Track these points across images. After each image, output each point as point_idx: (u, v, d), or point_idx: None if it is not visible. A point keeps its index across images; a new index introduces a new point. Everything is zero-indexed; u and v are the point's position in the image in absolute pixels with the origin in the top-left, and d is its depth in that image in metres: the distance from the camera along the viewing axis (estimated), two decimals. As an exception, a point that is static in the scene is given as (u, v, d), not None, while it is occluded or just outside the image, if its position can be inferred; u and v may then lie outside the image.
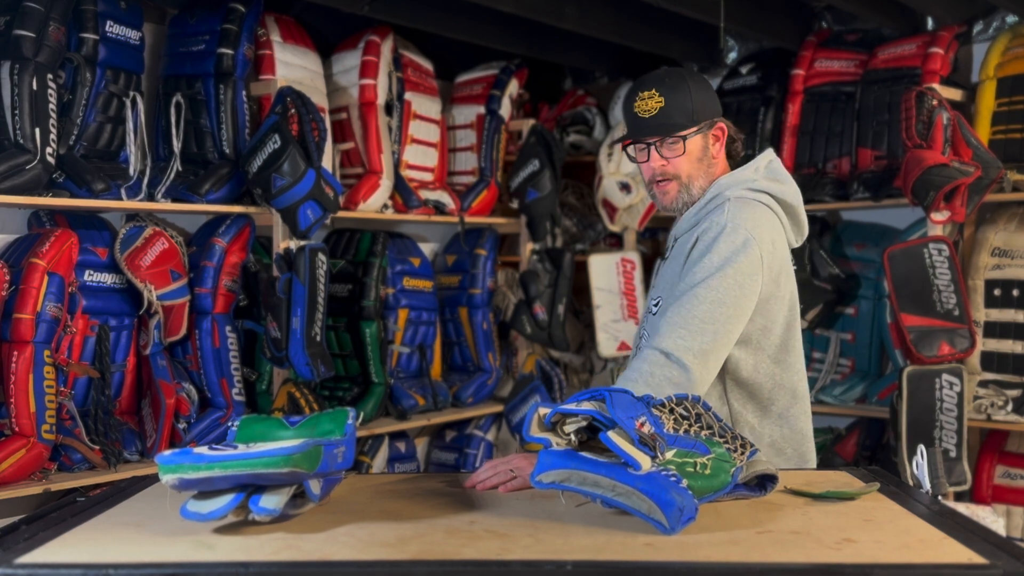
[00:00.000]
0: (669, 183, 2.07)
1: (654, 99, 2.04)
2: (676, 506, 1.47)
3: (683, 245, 2.07)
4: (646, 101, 2.05)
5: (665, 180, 2.07)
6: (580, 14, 3.80)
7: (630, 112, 2.08)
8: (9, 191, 2.71)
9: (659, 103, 2.04)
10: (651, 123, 2.04)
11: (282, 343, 3.22)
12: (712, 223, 2.01)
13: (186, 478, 1.48)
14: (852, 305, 4.00)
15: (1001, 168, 3.43)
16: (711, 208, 2.07)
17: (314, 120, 3.27)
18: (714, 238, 1.98)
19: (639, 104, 2.06)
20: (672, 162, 2.06)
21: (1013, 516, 3.54)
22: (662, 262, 2.17)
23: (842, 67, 4.03)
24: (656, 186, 2.09)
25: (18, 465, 2.71)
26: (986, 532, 1.46)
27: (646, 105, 2.04)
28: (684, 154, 2.06)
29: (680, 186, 2.07)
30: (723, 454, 1.65)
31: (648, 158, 2.07)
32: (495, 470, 1.81)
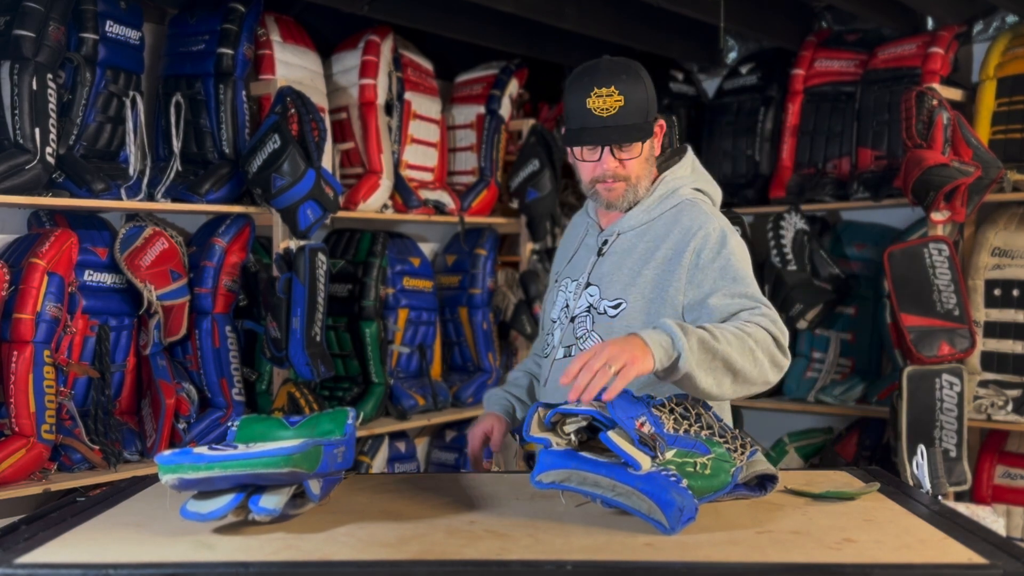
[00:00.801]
0: (618, 183, 2.01)
1: (613, 97, 1.94)
2: (676, 506, 1.47)
3: (634, 243, 2.03)
4: (604, 99, 1.94)
5: (616, 180, 2.00)
6: (580, 14, 3.80)
7: (582, 108, 1.94)
8: (9, 191, 2.71)
9: (618, 102, 1.94)
10: (611, 124, 1.94)
11: (282, 343, 3.22)
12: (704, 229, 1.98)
13: (186, 478, 1.48)
14: (852, 305, 4.00)
15: (1001, 168, 3.43)
16: (679, 209, 2.04)
17: (314, 120, 3.27)
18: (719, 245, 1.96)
19: (596, 101, 1.94)
20: (626, 164, 1.99)
21: (1013, 516, 3.54)
22: (598, 258, 2.06)
23: (842, 67, 4.03)
24: (601, 184, 2.01)
25: (18, 465, 2.71)
26: (986, 532, 1.46)
27: (604, 103, 1.94)
28: (639, 156, 2.01)
29: (628, 186, 2.02)
30: (723, 454, 1.65)
31: (600, 158, 1.99)
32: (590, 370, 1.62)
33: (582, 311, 2.04)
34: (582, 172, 2.04)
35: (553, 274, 2.25)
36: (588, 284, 2.05)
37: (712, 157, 4.36)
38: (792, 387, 4.05)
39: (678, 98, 4.45)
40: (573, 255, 2.15)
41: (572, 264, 2.14)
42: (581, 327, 2.04)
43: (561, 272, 2.17)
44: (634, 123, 1.96)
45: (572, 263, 2.14)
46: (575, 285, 2.08)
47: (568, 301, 2.08)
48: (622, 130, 1.95)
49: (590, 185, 2.03)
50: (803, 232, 3.90)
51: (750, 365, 1.78)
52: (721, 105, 4.36)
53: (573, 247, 2.18)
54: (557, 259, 2.27)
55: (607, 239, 2.07)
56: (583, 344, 2.02)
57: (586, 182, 2.04)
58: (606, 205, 2.05)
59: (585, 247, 2.14)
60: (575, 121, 1.97)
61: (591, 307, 2.03)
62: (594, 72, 1.97)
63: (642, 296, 1.98)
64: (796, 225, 3.91)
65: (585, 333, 2.03)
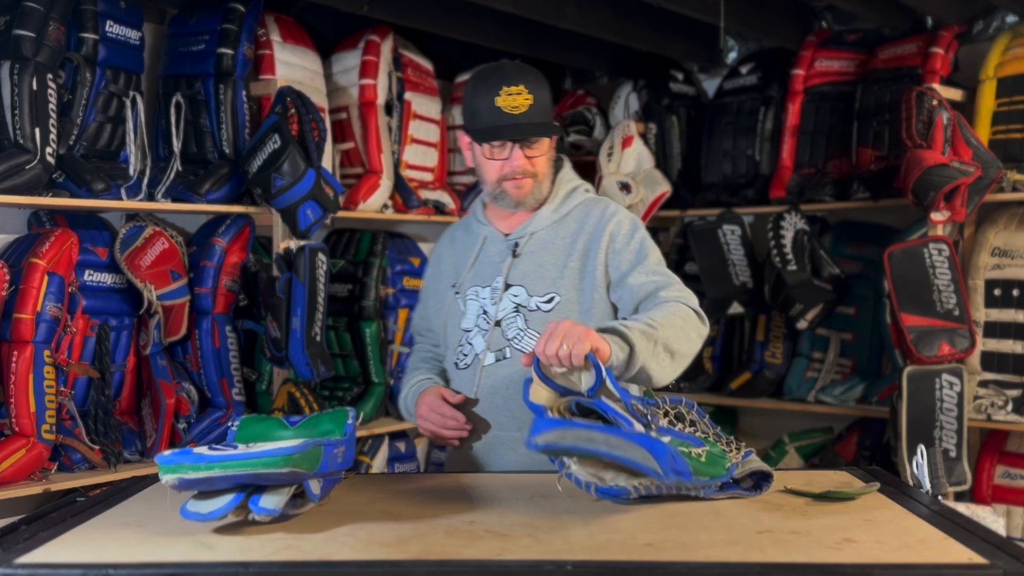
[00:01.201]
0: (525, 180, 2.06)
1: (523, 95, 2.00)
2: (669, 452, 1.50)
3: (549, 240, 2.09)
4: (514, 97, 2.00)
5: (524, 177, 2.06)
6: (580, 14, 3.80)
7: (491, 106, 2.00)
8: (9, 191, 2.71)
9: (528, 100, 2.00)
10: (522, 120, 2.00)
11: (282, 343, 3.22)
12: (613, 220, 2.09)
13: (186, 478, 1.48)
14: (852, 305, 4.00)
15: (1001, 168, 3.43)
16: (587, 204, 2.13)
17: (314, 120, 3.27)
18: (632, 229, 2.10)
19: (505, 99, 2.00)
20: (534, 161, 2.05)
21: (1013, 516, 3.54)
22: (514, 259, 2.10)
23: (842, 67, 4.03)
24: (510, 182, 2.06)
25: (18, 465, 2.71)
26: (986, 532, 1.46)
27: (515, 101, 2.00)
28: (545, 153, 2.07)
29: (535, 183, 2.07)
30: (718, 450, 1.66)
31: (509, 155, 2.04)
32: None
33: (509, 313, 2.09)
34: (489, 171, 2.08)
35: (442, 285, 2.21)
36: (508, 286, 2.08)
37: (712, 157, 4.36)
38: (792, 387, 4.05)
39: (678, 98, 4.45)
40: (474, 263, 2.15)
41: (477, 272, 2.14)
42: (512, 328, 2.09)
43: (463, 282, 2.16)
44: (543, 121, 2.03)
45: (476, 271, 2.15)
46: (490, 290, 2.11)
47: (485, 307, 2.10)
48: (534, 126, 2.02)
49: (497, 184, 2.07)
50: (803, 232, 3.90)
51: (684, 343, 1.95)
52: (721, 105, 4.36)
53: (469, 256, 2.18)
54: (444, 271, 2.23)
55: (518, 241, 2.11)
56: (519, 343, 2.07)
57: (493, 181, 2.08)
58: (514, 204, 2.09)
59: (489, 253, 2.15)
60: (485, 120, 2.02)
61: (519, 307, 2.08)
62: (501, 72, 2.04)
63: (572, 287, 2.07)
64: (796, 225, 3.91)
65: (519, 333, 2.08)
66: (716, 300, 4.13)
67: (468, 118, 2.08)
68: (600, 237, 2.08)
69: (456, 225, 2.31)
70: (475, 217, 2.23)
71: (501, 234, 2.15)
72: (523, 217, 2.15)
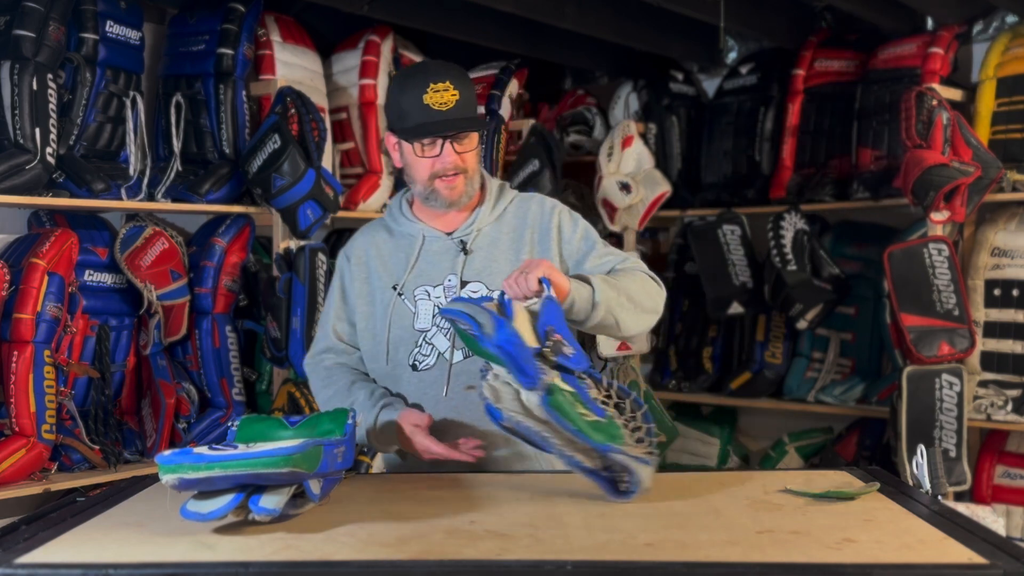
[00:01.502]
0: (457, 177, 2.05)
1: (449, 91, 2.00)
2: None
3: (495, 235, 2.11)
4: (441, 93, 2.00)
5: (455, 174, 2.05)
6: (580, 14, 3.80)
7: (419, 104, 1.99)
8: (9, 191, 2.71)
9: (455, 96, 2.00)
10: (451, 115, 2.00)
11: (282, 343, 3.22)
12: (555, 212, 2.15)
13: (186, 478, 1.48)
14: (852, 305, 4.00)
15: (1001, 168, 3.43)
16: (521, 199, 2.17)
17: (314, 120, 3.27)
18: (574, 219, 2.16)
19: (433, 96, 2.00)
20: (464, 156, 2.05)
21: (1013, 516, 3.54)
22: (466, 254, 2.09)
23: (842, 67, 4.03)
24: (443, 180, 2.04)
25: (18, 465, 2.71)
26: (986, 532, 1.46)
27: (441, 98, 2.00)
28: (475, 148, 2.07)
29: (467, 179, 2.07)
30: (616, 430, 1.70)
31: (440, 152, 2.03)
32: None
33: None
34: (419, 170, 2.06)
35: (375, 289, 2.13)
36: (464, 283, 2.07)
37: (712, 157, 4.36)
38: (792, 387, 4.05)
39: (678, 98, 4.45)
40: (415, 263, 2.10)
41: (421, 272, 2.09)
42: None
43: (404, 283, 2.10)
44: (471, 115, 2.04)
45: (420, 271, 2.10)
46: (443, 289, 2.08)
47: (440, 306, 2.07)
48: (465, 120, 2.02)
49: (428, 182, 2.05)
50: (803, 232, 3.90)
51: (646, 297, 2.04)
52: (721, 105, 4.36)
53: (406, 256, 2.12)
54: (374, 274, 2.14)
55: (463, 238, 2.10)
56: None
57: (424, 180, 2.06)
58: (447, 204, 2.07)
59: (433, 252, 2.11)
60: (413, 118, 2.01)
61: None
62: (425, 71, 2.04)
63: None
64: (796, 225, 3.91)
65: None
66: (716, 300, 4.13)
67: (395, 118, 2.06)
68: (549, 230, 2.11)
69: (371, 228, 2.21)
70: (402, 216, 2.17)
71: (441, 232, 2.12)
72: (459, 215, 2.13)
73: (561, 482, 1.85)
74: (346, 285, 2.16)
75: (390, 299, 2.10)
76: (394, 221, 2.17)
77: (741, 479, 1.91)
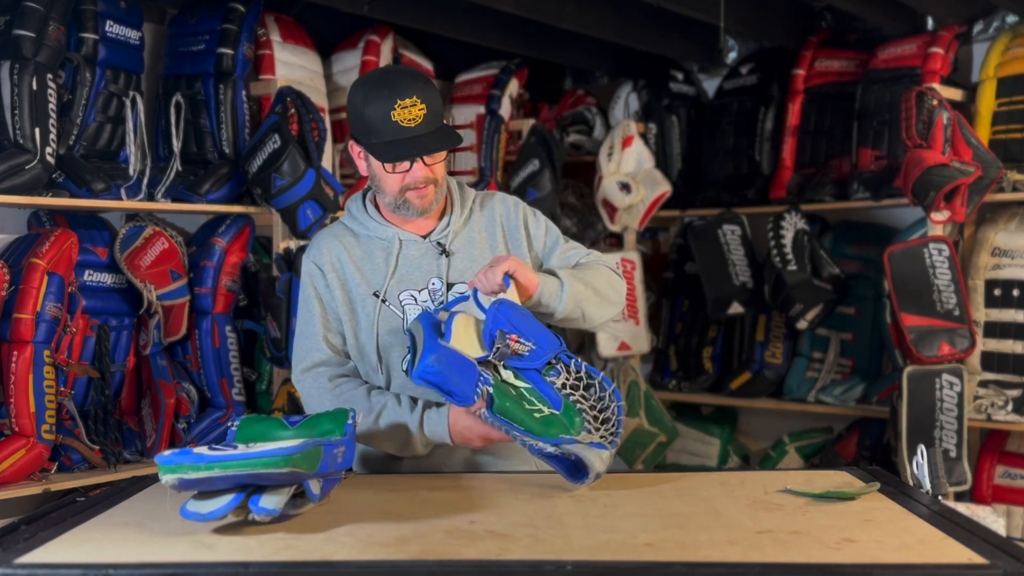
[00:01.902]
0: (428, 186, 2.03)
1: (416, 106, 1.97)
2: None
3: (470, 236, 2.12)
4: (409, 110, 1.96)
5: (427, 185, 2.03)
6: (580, 14, 3.80)
7: (387, 121, 1.96)
8: (9, 191, 2.71)
9: (422, 111, 1.97)
10: (421, 131, 1.97)
11: (282, 343, 3.22)
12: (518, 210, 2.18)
13: (186, 478, 1.48)
14: (852, 305, 4.00)
15: (1001, 168, 3.43)
16: (482, 196, 2.20)
17: (314, 120, 3.27)
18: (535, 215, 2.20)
19: (400, 113, 1.96)
20: (434, 168, 2.03)
21: (1013, 516, 3.54)
22: (447, 257, 2.08)
23: (842, 67, 4.03)
24: (414, 191, 2.02)
25: (18, 465, 2.71)
26: (986, 532, 1.46)
27: (409, 114, 1.96)
28: (443, 159, 2.06)
29: (436, 188, 2.06)
30: (570, 421, 1.76)
31: (410, 167, 2.01)
32: None
33: None
34: (389, 184, 2.03)
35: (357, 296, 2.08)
36: (450, 285, 2.07)
37: (712, 157, 4.36)
38: (792, 387, 4.05)
39: (678, 98, 4.45)
40: (394, 271, 2.07)
41: (401, 278, 2.07)
42: None
43: (387, 289, 2.06)
44: (439, 128, 2.01)
45: (400, 277, 2.07)
46: (427, 292, 2.07)
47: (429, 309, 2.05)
48: (433, 137, 2.00)
49: (399, 195, 2.03)
50: (803, 232, 3.90)
51: (610, 289, 2.11)
52: (721, 105, 4.36)
53: (383, 261, 2.08)
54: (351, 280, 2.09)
55: (440, 241, 2.10)
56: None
57: (394, 192, 2.03)
58: (418, 212, 2.06)
59: (412, 256, 2.08)
60: (383, 135, 1.98)
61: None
62: (392, 84, 1.99)
63: None
64: (796, 225, 3.91)
65: None
66: (716, 300, 4.13)
67: (362, 132, 2.01)
68: (518, 228, 2.15)
69: (333, 234, 2.14)
70: (369, 219, 2.12)
71: (417, 236, 2.10)
72: (430, 219, 2.11)
73: (561, 482, 1.85)
74: (323, 295, 2.10)
75: (373, 306, 2.06)
76: (359, 225, 2.12)
77: (741, 479, 1.91)
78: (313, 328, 2.09)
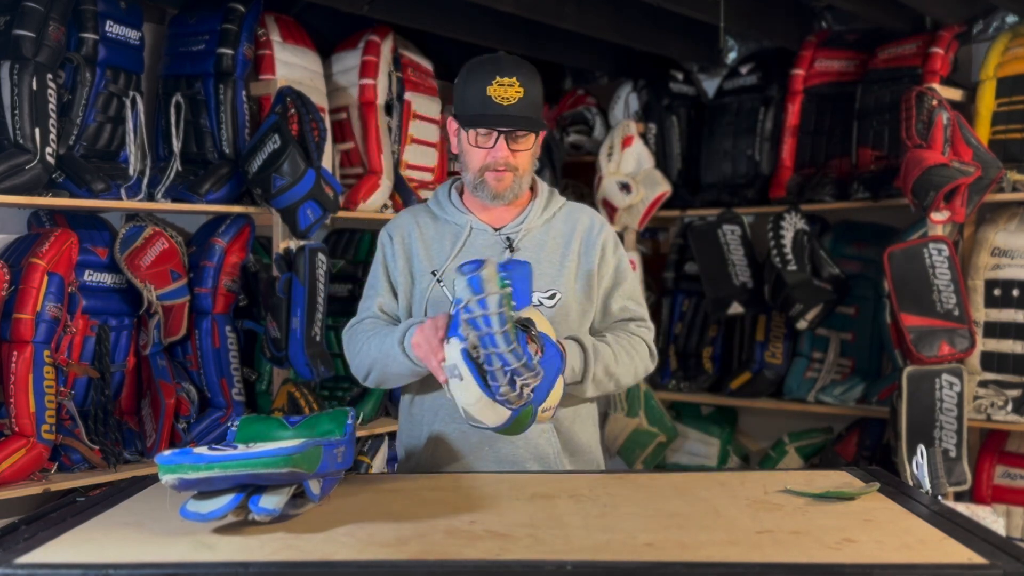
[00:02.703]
0: (508, 172, 2.06)
1: (514, 87, 2.01)
2: None
3: (542, 239, 2.12)
4: (506, 88, 2.01)
5: (506, 169, 2.06)
6: (580, 14, 3.80)
7: (482, 95, 2.01)
8: (9, 191, 2.71)
9: (519, 93, 2.01)
10: (512, 112, 2.01)
11: (282, 343, 3.22)
12: (605, 231, 2.19)
13: (186, 478, 1.48)
14: (852, 305, 4.00)
15: (1001, 168, 3.43)
16: (571, 208, 2.20)
17: (314, 120, 3.27)
18: (616, 245, 2.20)
19: (497, 89, 2.01)
20: (518, 155, 2.06)
21: (1013, 516, 3.54)
22: (511, 252, 2.10)
23: (842, 67, 4.03)
24: (492, 172, 2.06)
25: (18, 465, 2.71)
26: (986, 532, 1.46)
27: (506, 92, 2.01)
28: (529, 149, 2.08)
29: (516, 177, 2.08)
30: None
31: (494, 145, 2.04)
32: None
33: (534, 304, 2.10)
34: (472, 159, 2.08)
35: (415, 270, 2.14)
36: None
37: (712, 157, 4.36)
38: (792, 387, 4.05)
39: (678, 98, 4.45)
40: (459, 252, 2.11)
41: (462, 260, 2.04)
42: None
43: (445, 270, 2.10)
44: (531, 116, 2.04)
45: (461, 261, 2.03)
46: None
47: None
48: (521, 119, 2.03)
49: (479, 173, 2.07)
50: (803, 232, 3.90)
51: (631, 380, 2.13)
52: (721, 105, 4.36)
53: (449, 244, 2.13)
54: (416, 255, 2.14)
55: (510, 236, 2.12)
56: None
57: (475, 170, 2.08)
58: (492, 196, 2.09)
59: (478, 244, 2.12)
60: (474, 107, 2.03)
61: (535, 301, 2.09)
62: (496, 63, 2.05)
63: (572, 286, 2.11)
64: (796, 225, 3.91)
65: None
66: (716, 300, 4.13)
67: (458, 104, 2.08)
68: (595, 245, 2.15)
69: (414, 211, 2.24)
70: (449, 204, 2.18)
71: (489, 227, 2.14)
72: (508, 211, 2.15)
73: (561, 482, 1.85)
74: (388, 263, 2.19)
75: (428, 284, 2.12)
76: (440, 208, 2.19)
77: (741, 479, 1.91)
78: (373, 292, 2.20)
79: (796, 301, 3.84)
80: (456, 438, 2.08)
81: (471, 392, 1.77)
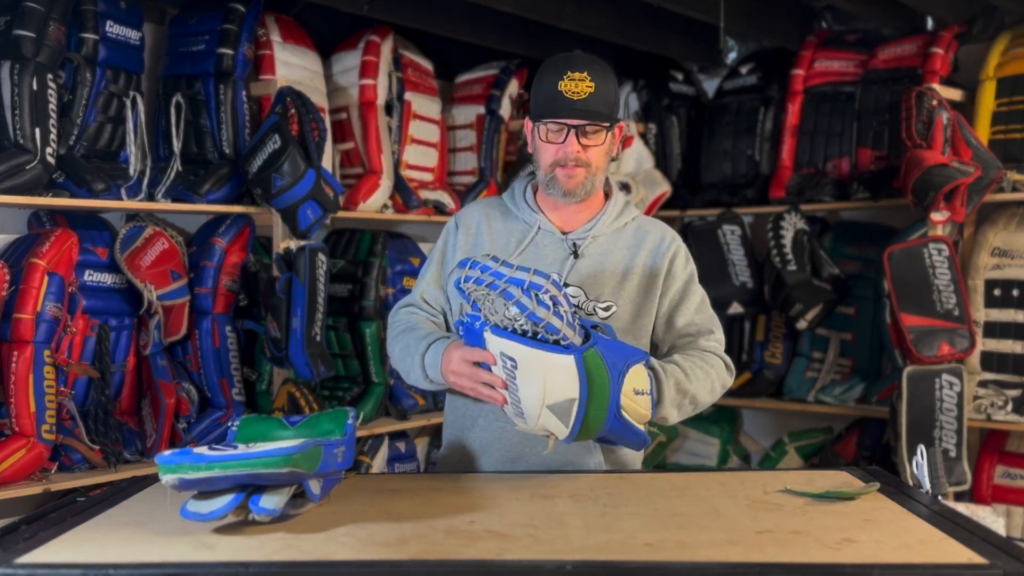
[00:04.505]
0: (579, 168, 2.04)
1: (585, 82, 2.00)
2: None
3: (608, 248, 2.10)
4: (577, 83, 2.00)
5: (577, 165, 2.04)
6: (580, 14, 3.80)
7: (553, 89, 2.00)
8: (9, 191, 2.71)
9: (590, 88, 2.00)
10: (582, 106, 2.00)
11: (282, 343, 3.22)
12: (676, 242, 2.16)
13: (186, 478, 1.48)
14: (852, 305, 4.00)
15: (1001, 168, 3.43)
16: (642, 220, 2.17)
17: (314, 120, 3.27)
18: (687, 260, 2.18)
19: (568, 84, 2.00)
20: (589, 151, 2.04)
21: (1013, 516, 3.54)
22: (575, 258, 2.09)
23: (842, 67, 4.03)
24: (564, 168, 2.04)
25: (18, 465, 2.71)
26: (986, 532, 1.46)
27: (576, 87, 2.00)
28: (602, 145, 2.06)
29: (587, 175, 2.05)
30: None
31: (565, 140, 2.03)
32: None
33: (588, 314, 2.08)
34: (544, 155, 2.06)
35: None
36: (566, 285, 2.06)
37: (712, 157, 4.36)
38: (792, 387, 4.05)
39: (678, 98, 4.45)
40: (523, 251, 2.10)
41: (524, 261, 2.07)
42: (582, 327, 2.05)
43: None
44: (602, 111, 2.02)
45: (524, 260, 2.08)
46: None
47: None
48: (589, 112, 2.01)
49: (550, 169, 2.06)
50: (803, 232, 3.90)
51: (709, 397, 2.08)
52: (721, 105, 4.36)
53: (515, 241, 2.12)
54: (480, 246, 2.14)
55: (576, 241, 2.10)
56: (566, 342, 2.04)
57: (546, 166, 2.06)
58: (563, 193, 2.06)
59: (542, 245, 2.11)
60: (544, 102, 2.03)
61: (578, 307, 2.06)
62: (569, 59, 2.05)
63: (630, 301, 2.08)
64: (796, 225, 3.91)
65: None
66: (716, 300, 4.12)
67: (532, 101, 2.08)
68: (662, 261, 2.12)
69: (487, 203, 2.22)
70: (522, 200, 2.17)
71: (557, 229, 2.12)
72: (579, 215, 2.13)
73: (561, 482, 1.85)
74: (447, 251, 2.18)
75: None
76: (513, 204, 2.18)
77: (741, 479, 1.91)
78: (423, 278, 2.21)
79: (796, 301, 3.84)
80: (499, 438, 2.07)
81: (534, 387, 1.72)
